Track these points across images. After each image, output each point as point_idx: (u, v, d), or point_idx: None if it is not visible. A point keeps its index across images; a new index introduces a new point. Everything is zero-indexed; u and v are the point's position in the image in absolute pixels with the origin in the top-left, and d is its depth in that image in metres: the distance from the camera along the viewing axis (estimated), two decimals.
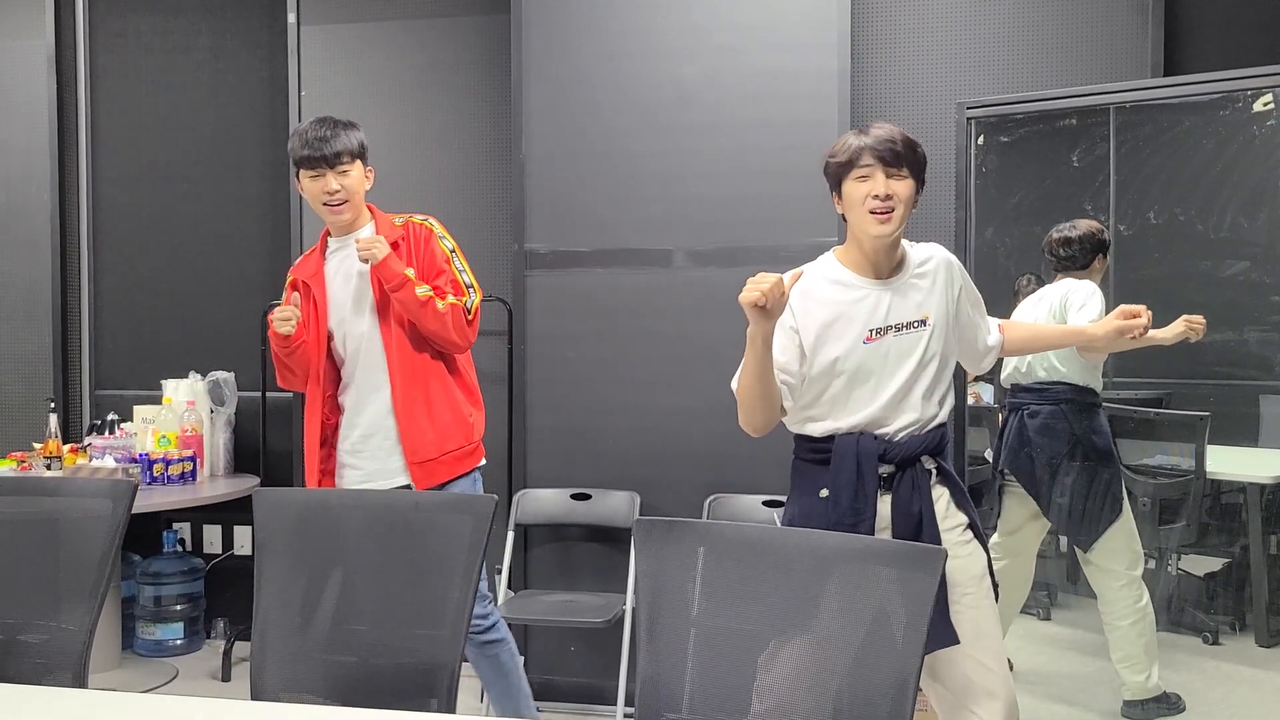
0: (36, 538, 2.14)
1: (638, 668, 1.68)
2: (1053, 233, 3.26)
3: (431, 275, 2.81)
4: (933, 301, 2.26)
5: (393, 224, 2.88)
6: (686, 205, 3.56)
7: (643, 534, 1.70)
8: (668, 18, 3.58)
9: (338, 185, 2.77)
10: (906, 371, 2.22)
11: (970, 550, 2.26)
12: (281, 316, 2.78)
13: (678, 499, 3.55)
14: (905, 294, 2.25)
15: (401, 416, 2.79)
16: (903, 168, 2.19)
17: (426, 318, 2.75)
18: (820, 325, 2.23)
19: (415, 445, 2.79)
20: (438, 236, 2.87)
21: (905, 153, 2.19)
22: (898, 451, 2.21)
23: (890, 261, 2.26)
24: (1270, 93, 3.13)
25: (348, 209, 2.82)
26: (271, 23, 4.33)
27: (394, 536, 1.97)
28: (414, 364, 2.80)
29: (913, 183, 2.21)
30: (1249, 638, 3.31)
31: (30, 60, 4.53)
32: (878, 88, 3.67)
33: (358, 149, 2.82)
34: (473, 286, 2.88)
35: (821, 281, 2.27)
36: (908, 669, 1.49)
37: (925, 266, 2.29)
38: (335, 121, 2.80)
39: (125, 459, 3.99)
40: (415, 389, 2.80)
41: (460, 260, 2.89)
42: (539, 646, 3.73)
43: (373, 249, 2.73)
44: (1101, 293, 3.15)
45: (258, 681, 1.90)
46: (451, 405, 2.85)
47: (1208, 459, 3.26)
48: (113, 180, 4.55)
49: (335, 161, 2.76)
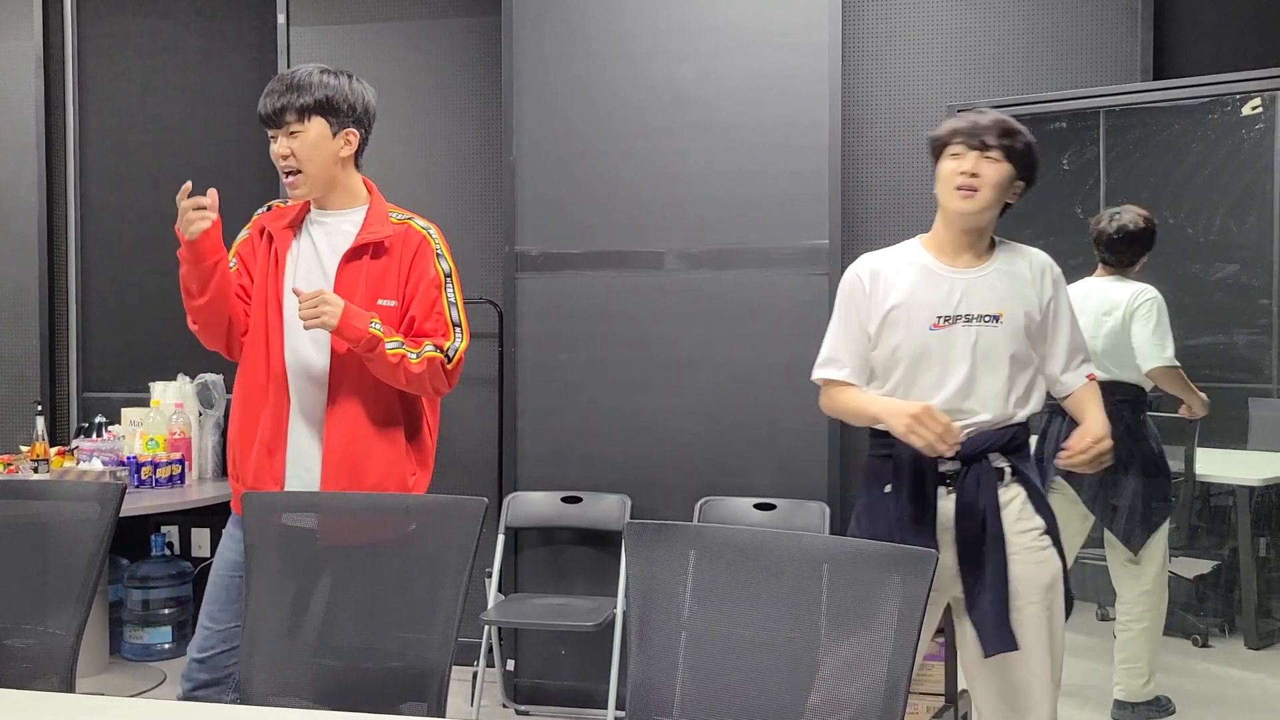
0: (23, 541, 2.13)
1: (629, 671, 1.68)
2: (1106, 223, 3.17)
3: (410, 299, 2.34)
4: (1014, 300, 2.20)
5: (387, 217, 2.39)
6: (678, 207, 3.56)
7: (634, 537, 1.69)
8: (658, 19, 3.58)
9: (285, 149, 2.29)
10: (972, 364, 2.18)
11: (1044, 558, 2.19)
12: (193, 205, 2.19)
13: (669, 502, 3.54)
14: (983, 286, 2.21)
15: (330, 444, 2.29)
16: (993, 151, 2.16)
17: (398, 380, 2.28)
18: (889, 309, 2.22)
19: (339, 488, 2.30)
20: (435, 253, 2.38)
21: (998, 138, 2.16)
22: (962, 447, 2.14)
23: (973, 249, 2.23)
24: (1259, 96, 3.14)
25: (301, 180, 2.31)
26: (261, 24, 4.32)
27: (384, 539, 1.96)
28: (359, 391, 2.30)
29: (1007, 168, 2.17)
30: (1239, 640, 3.32)
31: (18, 61, 4.51)
32: (868, 90, 3.68)
33: (314, 104, 2.27)
34: (460, 326, 2.39)
35: (899, 265, 2.26)
36: (899, 673, 1.48)
37: (1016, 265, 2.24)
38: (306, 70, 2.31)
39: (113, 462, 3.97)
40: (353, 422, 2.30)
41: (455, 289, 2.40)
42: (529, 650, 3.72)
43: (320, 313, 2.19)
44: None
45: (246, 686, 1.89)
46: (395, 452, 2.34)
47: (1197, 461, 3.27)
48: (101, 182, 4.53)
49: (279, 119, 2.28)
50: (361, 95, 2.37)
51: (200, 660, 2.34)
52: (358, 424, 2.30)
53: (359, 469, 2.30)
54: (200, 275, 2.27)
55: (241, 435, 2.37)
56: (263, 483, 2.31)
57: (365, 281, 2.33)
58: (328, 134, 2.31)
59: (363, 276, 2.33)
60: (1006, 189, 2.19)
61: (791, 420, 3.44)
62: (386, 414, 2.34)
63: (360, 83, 2.38)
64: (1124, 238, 3.14)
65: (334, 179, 2.35)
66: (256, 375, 2.35)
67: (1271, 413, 3.32)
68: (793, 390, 3.44)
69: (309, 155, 2.29)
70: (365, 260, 2.34)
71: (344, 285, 2.32)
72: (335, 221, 2.39)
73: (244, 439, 2.36)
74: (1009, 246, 2.28)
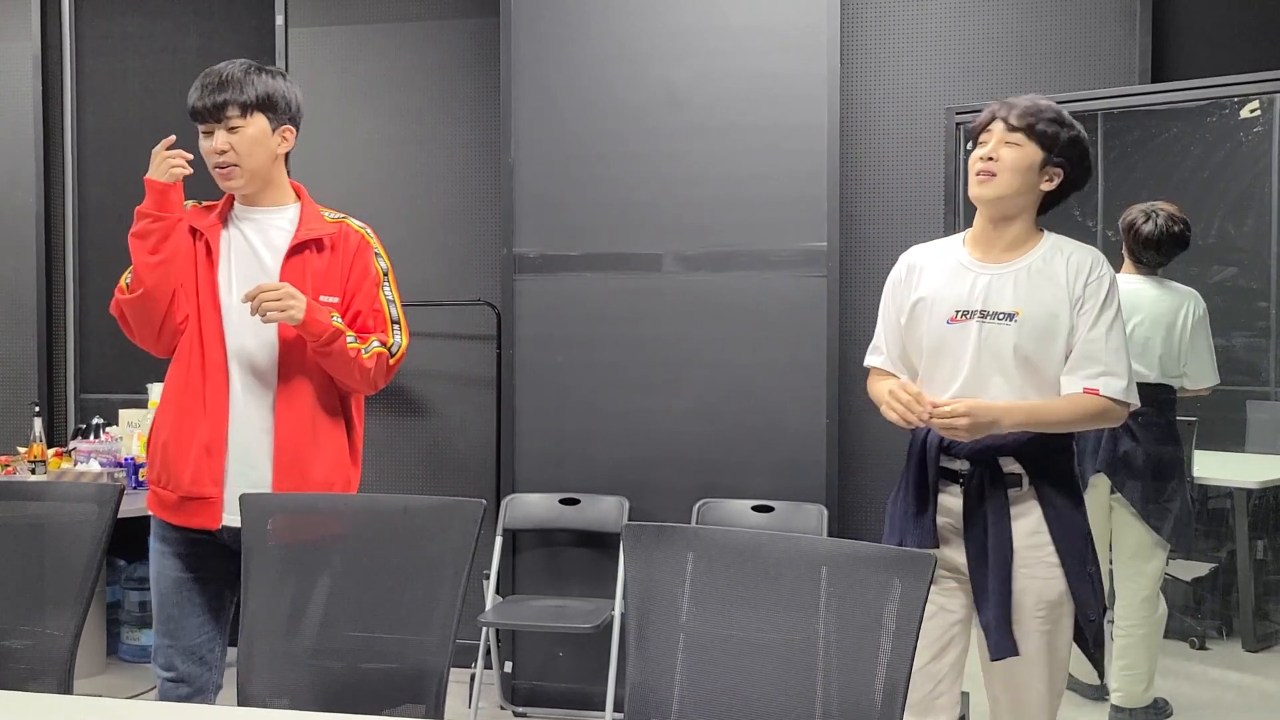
0: (21, 543, 2.13)
1: (627, 673, 1.68)
2: (1144, 221, 3.10)
3: (351, 295, 2.35)
4: (1036, 299, 2.11)
5: (322, 216, 2.40)
6: (676, 209, 3.56)
7: (632, 539, 1.69)
8: (657, 21, 3.58)
9: (224, 144, 2.27)
10: (983, 362, 2.12)
11: (1052, 575, 2.11)
12: (170, 155, 2.21)
13: (667, 504, 3.54)
14: (1006, 282, 2.13)
15: (280, 444, 2.27)
16: (1016, 134, 2.10)
17: (351, 374, 2.30)
18: (915, 301, 2.21)
19: (289, 486, 2.27)
20: (374, 252, 2.40)
21: (1020, 118, 2.10)
22: (964, 446, 2.11)
23: (1005, 242, 2.17)
24: (1257, 99, 3.15)
25: (238, 175, 2.30)
26: (259, 25, 4.31)
27: (381, 541, 1.96)
28: (306, 387, 2.31)
29: (1033, 153, 2.10)
30: (1236, 643, 3.32)
31: (16, 62, 4.50)
32: (867, 92, 3.68)
33: (256, 100, 2.28)
34: (399, 323, 2.40)
35: (936, 257, 2.24)
36: (897, 675, 1.48)
37: (1052, 263, 2.13)
38: (241, 66, 2.31)
39: (110, 463, 3.96)
40: (302, 419, 2.29)
41: (392, 287, 2.43)
42: (527, 652, 3.71)
43: (287, 305, 2.19)
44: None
45: (245, 687, 1.89)
46: (337, 452, 2.34)
47: (1195, 464, 3.27)
48: (99, 183, 4.52)
49: (219, 114, 2.27)
50: (296, 95, 2.39)
51: (173, 680, 2.34)
52: (305, 420, 2.30)
53: (308, 466, 2.29)
54: (164, 228, 2.24)
55: (175, 437, 2.29)
56: (201, 485, 2.25)
57: (310, 278, 2.32)
58: (268, 130, 2.31)
59: (307, 273, 2.32)
60: (1031, 174, 2.12)
61: (790, 422, 3.44)
62: (331, 410, 2.34)
63: (293, 82, 2.40)
64: (1170, 239, 3.08)
65: (269, 175, 2.35)
66: (191, 374, 2.30)
67: (1269, 415, 3.33)
68: (791, 392, 3.45)
69: (249, 150, 2.29)
70: (307, 256, 2.33)
71: (288, 280, 2.30)
72: (267, 218, 2.38)
73: (179, 441, 2.28)
74: (1056, 242, 2.17)
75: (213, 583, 2.34)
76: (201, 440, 2.26)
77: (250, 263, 2.33)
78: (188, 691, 2.35)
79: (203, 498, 2.26)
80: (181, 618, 2.32)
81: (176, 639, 2.33)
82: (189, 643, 2.33)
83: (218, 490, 2.26)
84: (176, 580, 2.32)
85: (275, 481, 2.27)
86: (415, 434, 4.14)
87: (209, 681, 2.37)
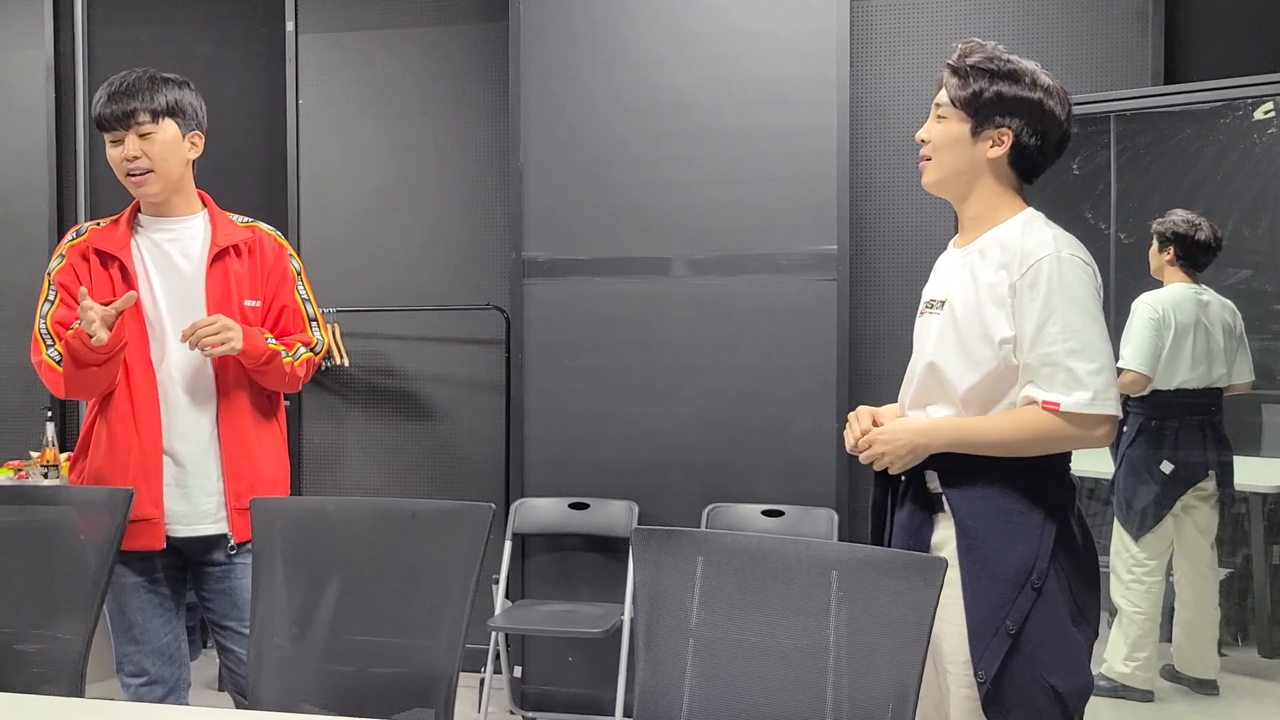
0: (33, 547, 2.14)
1: (636, 678, 1.67)
2: (1189, 228, 3.14)
3: (272, 297, 2.40)
4: (959, 284, 1.83)
5: (233, 222, 2.41)
6: (684, 213, 3.55)
7: (641, 543, 1.69)
8: (665, 26, 3.58)
9: (137, 150, 2.28)
10: (919, 360, 1.89)
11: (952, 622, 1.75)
12: (97, 317, 2.14)
13: (676, 508, 3.53)
14: (951, 268, 1.89)
15: (229, 449, 2.31)
16: (941, 108, 1.84)
17: (283, 383, 2.38)
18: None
19: (243, 486, 2.30)
20: (288, 254, 2.45)
21: (939, 89, 1.83)
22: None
23: (965, 224, 1.89)
24: (1271, 100, 3.13)
25: (153, 180, 2.30)
26: (270, 31, 4.33)
27: (391, 546, 1.96)
28: (242, 390, 2.34)
29: (956, 124, 1.81)
30: (1252, 648, 3.29)
31: (29, 69, 4.53)
32: (876, 95, 3.67)
33: (165, 106, 2.28)
34: (316, 321, 2.46)
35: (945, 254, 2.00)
36: (908, 679, 1.48)
37: (990, 247, 1.82)
38: (145, 74, 2.31)
39: None
40: (244, 421, 2.34)
41: (305, 286, 2.47)
42: (536, 657, 3.71)
43: (226, 338, 2.21)
44: None
45: (254, 691, 1.89)
46: (277, 446, 2.41)
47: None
48: (111, 189, 4.53)
49: (129, 121, 2.27)
50: (201, 103, 2.40)
51: (146, 684, 2.33)
52: (247, 424, 2.34)
53: (257, 464, 2.34)
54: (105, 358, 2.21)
55: (109, 464, 2.29)
56: (141, 507, 2.22)
57: (234, 284, 2.35)
58: (179, 135, 2.32)
59: (231, 279, 2.35)
60: (963, 146, 1.82)
61: (800, 426, 3.43)
62: (265, 411, 2.41)
63: (196, 91, 2.40)
64: (1215, 246, 3.15)
65: (181, 182, 2.36)
66: (119, 401, 2.28)
67: None
68: (801, 396, 3.44)
69: (164, 155, 2.30)
70: (228, 262, 2.35)
71: (213, 288, 2.33)
72: (180, 228, 2.38)
73: (113, 468, 2.28)
74: (1026, 222, 1.82)
75: (166, 583, 2.37)
76: (137, 464, 2.27)
77: (171, 275, 2.34)
78: (162, 692, 2.36)
79: (144, 519, 2.25)
80: (145, 621, 2.34)
81: (143, 643, 2.34)
82: (157, 644, 2.35)
83: (158, 511, 2.27)
84: (133, 585, 2.33)
85: (228, 486, 2.30)
86: (424, 438, 4.14)
87: (181, 679, 2.40)
